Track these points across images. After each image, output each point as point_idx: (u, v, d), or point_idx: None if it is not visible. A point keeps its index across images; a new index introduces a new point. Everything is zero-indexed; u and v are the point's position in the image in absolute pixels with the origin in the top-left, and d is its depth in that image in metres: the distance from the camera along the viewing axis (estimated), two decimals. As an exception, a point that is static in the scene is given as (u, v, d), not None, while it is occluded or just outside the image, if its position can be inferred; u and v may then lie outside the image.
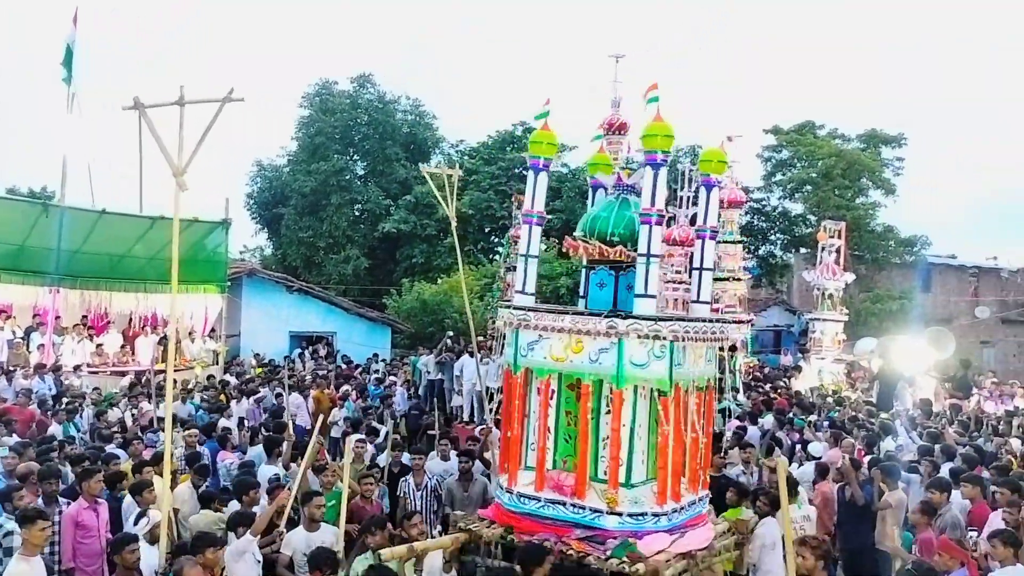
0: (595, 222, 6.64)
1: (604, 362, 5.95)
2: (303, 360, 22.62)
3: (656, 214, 6.03)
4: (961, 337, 25.10)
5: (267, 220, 36.39)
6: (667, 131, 6.08)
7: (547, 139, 6.69)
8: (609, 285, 6.65)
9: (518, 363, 6.35)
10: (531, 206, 6.66)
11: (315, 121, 34.53)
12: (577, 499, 6.01)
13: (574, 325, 6.06)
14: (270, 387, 15.95)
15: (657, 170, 6.07)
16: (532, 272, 6.63)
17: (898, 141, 32.61)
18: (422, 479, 9.37)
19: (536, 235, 6.62)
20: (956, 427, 11.92)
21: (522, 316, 6.30)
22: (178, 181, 6.53)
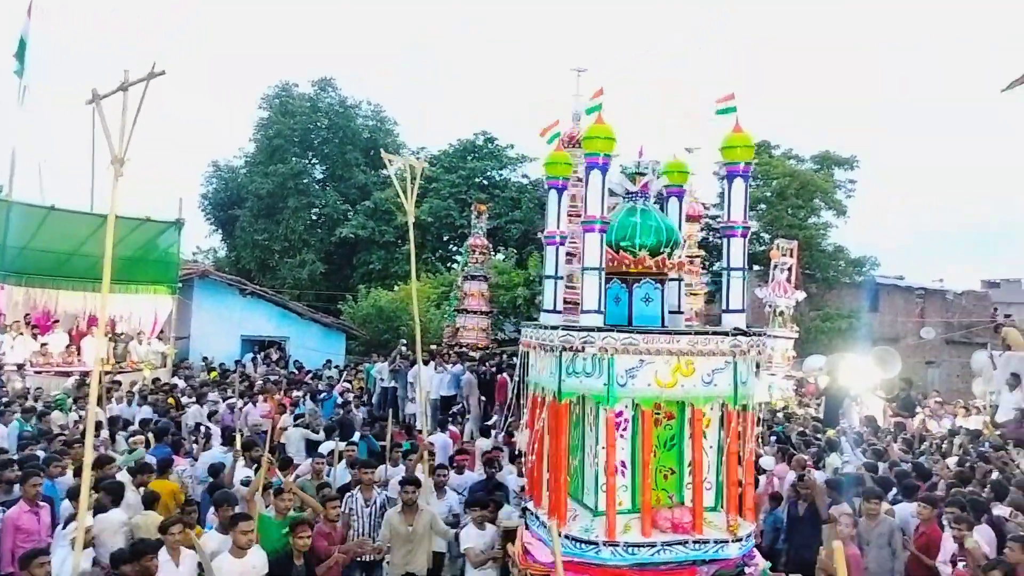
0: (623, 231, 6.19)
1: (719, 383, 5.60)
2: (255, 365, 22.31)
3: (741, 226, 5.94)
4: (907, 357, 25.65)
5: (222, 221, 35.87)
6: (746, 141, 5.96)
7: (603, 133, 5.86)
8: (656, 299, 6.30)
9: (615, 394, 5.55)
10: (597, 211, 5.80)
11: (274, 123, 34.17)
12: (697, 534, 5.59)
13: (692, 346, 5.57)
14: (219, 392, 15.69)
15: (741, 181, 5.96)
16: (595, 287, 5.80)
17: (850, 164, 33.30)
18: (371, 495, 8.41)
19: (596, 244, 5.78)
20: (900, 445, 12.17)
21: (627, 340, 5.52)
22: (116, 168, 6.20)
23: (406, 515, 7.70)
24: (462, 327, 20.94)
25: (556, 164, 6.61)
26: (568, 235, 6.95)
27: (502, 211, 31.60)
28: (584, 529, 5.61)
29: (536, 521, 6.17)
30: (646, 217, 6.25)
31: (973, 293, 34.39)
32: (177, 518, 6.77)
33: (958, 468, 9.93)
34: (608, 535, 5.46)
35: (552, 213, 6.62)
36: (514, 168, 35.23)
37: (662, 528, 5.58)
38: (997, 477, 9.34)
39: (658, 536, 5.54)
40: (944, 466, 10.19)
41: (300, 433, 12.60)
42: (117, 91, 6.22)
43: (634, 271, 6.18)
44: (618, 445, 5.61)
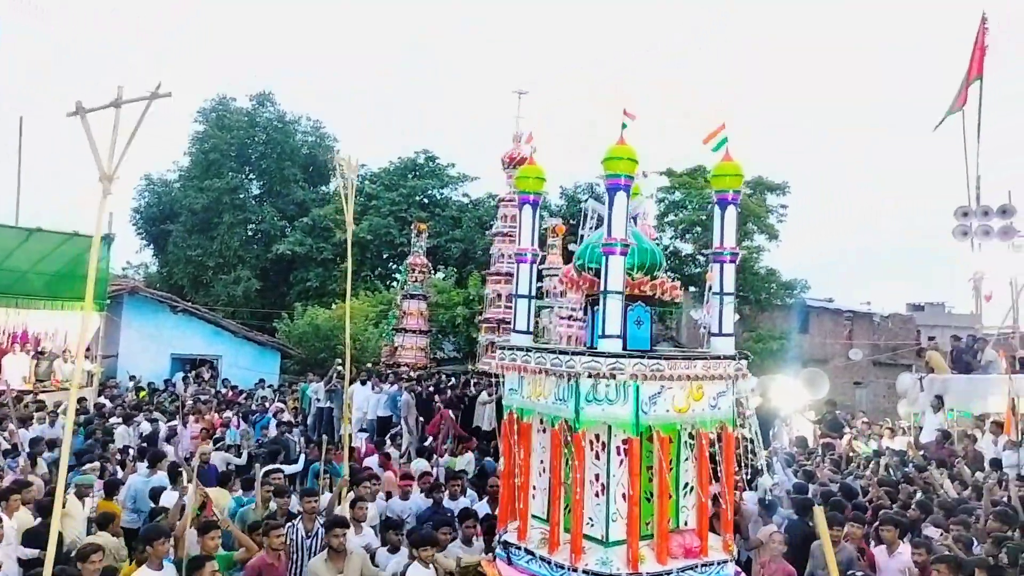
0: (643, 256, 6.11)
1: (722, 406, 5.75)
2: (185, 384, 21.73)
3: (729, 252, 6.02)
4: (836, 378, 26.32)
5: (154, 236, 35.02)
6: (736, 170, 6.05)
7: (626, 154, 5.71)
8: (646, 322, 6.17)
9: (641, 422, 5.44)
10: (620, 233, 5.65)
11: (210, 137, 33.58)
12: (704, 557, 5.66)
13: (707, 370, 5.65)
14: (146, 412, 15.22)
15: (727, 209, 6.04)
16: (617, 312, 5.65)
17: (782, 189, 34.19)
18: (313, 526, 7.74)
19: (619, 267, 5.63)
20: (829, 465, 12.44)
21: (655, 366, 5.43)
22: (104, 185, 6.00)
23: (333, 561, 6.90)
24: (400, 346, 20.78)
25: (528, 179, 6.41)
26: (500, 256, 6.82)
27: (442, 230, 31.57)
28: (601, 562, 5.45)
29: (523, 555, 5.89)
30: (637, 239, 6.09)
31: (899, 316, 35.53)
32: (97, 546, 6.50)
33: (885, 489, 10.20)
34: (632, 566, 5.40)
35: (525, 229, 6.40)
36: (455, 187, 35.27)
37: (675, 554, 5.58)
38: (921, 497, 9.62)
39: (673, 563, 5.54)
40: (875, 486, 10.45)
41: (222, 458, 12.13)
42: (108, 106, 6.05)
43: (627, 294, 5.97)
44: (619, 472, 5.59)
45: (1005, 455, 12.17)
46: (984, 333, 17.91)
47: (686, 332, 33.71)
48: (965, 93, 20.34)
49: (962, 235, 19.20)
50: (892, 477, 11.23)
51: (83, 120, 6.02)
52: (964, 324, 25.23)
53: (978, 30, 20.20)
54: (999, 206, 18.96)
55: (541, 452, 6.09)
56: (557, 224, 19.95)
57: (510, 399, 6.13)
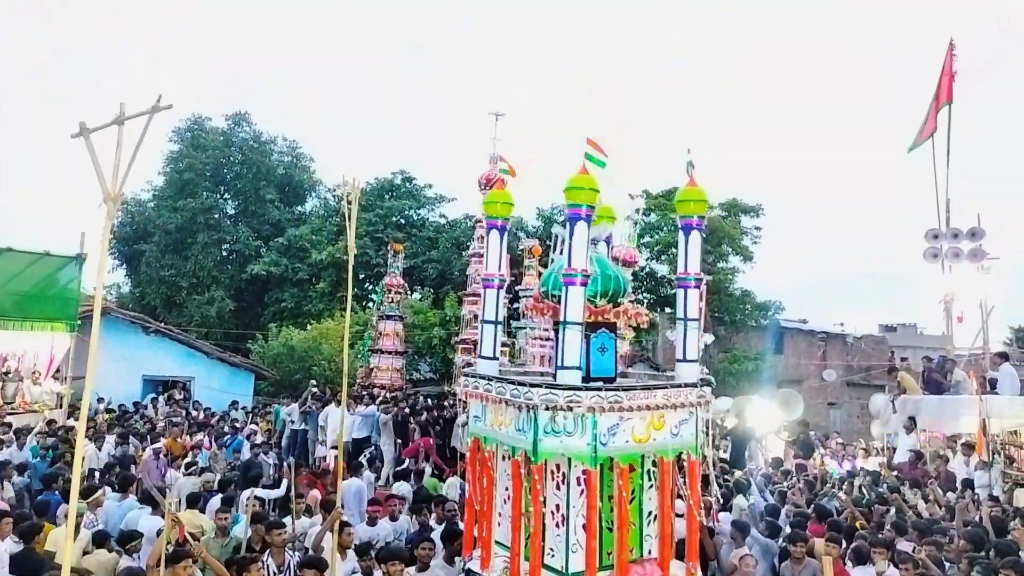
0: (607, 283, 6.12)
1: (684, 434, 5.72)
2: (155, 406, 21.43)
3: (693, 277, 6.10)
4: (810, 398, 26.54)
5: (127, 256, 34.65)
6: (700, 196, 6.03)
7: (587, 184, 5.68)
8: (611, 349, 6.18)
9: (599, 454, 5.38)
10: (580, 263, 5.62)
11: (184, 156, 33.41)
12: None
13: (667, 399, 5.62)
14: (116, 434, 14.97)
15: (691, 234, 6.08)
16: (576, 343, 5.56)
17: (756, 211, 34.55)
18: (283, 559, 7.49)
19: (578, 298, 5.56)
20: (802, 486, 12.50)
21: (613, 399, 5.36)
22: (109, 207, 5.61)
23: None
24: (376, 367, 20.66)
25: (496, 203, 6.33)
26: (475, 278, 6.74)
27: (419, 250, 31.54)
28: None
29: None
30: (602, 265, 6.08)
31: (872, 337, 35.94)
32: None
33: (860, 509, 10.26)
34: None
35: (493, 254, 6.31)
36: (432, 208, 35.28)
37: None
38: (895, 517, 9.69)
39: None
40: (850, 505, 10.51)
41: (192, 483, 11.87)
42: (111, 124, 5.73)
43: (590, 320, 5.96)
44: (579, 503, 5.50)
45: (976, 475, 12.29)
46: (955, 354, 18.13)
47: (662, 353, 33.89)
48: (934, 119, 20.72)
49: (932, 257, 19.50)
50: (866, 497, 11.31)
51: (87, 141, 5.73)
52: (936, 345, 25.54)
53: (946, 56, 20.62)
54: (968, 229, 19.29)
55: (505, 479, 6.03)
56: (533, 245, 19.98)
57: (474, 426, 6.11)
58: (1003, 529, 8.96)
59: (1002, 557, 7.43)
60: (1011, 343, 33.75)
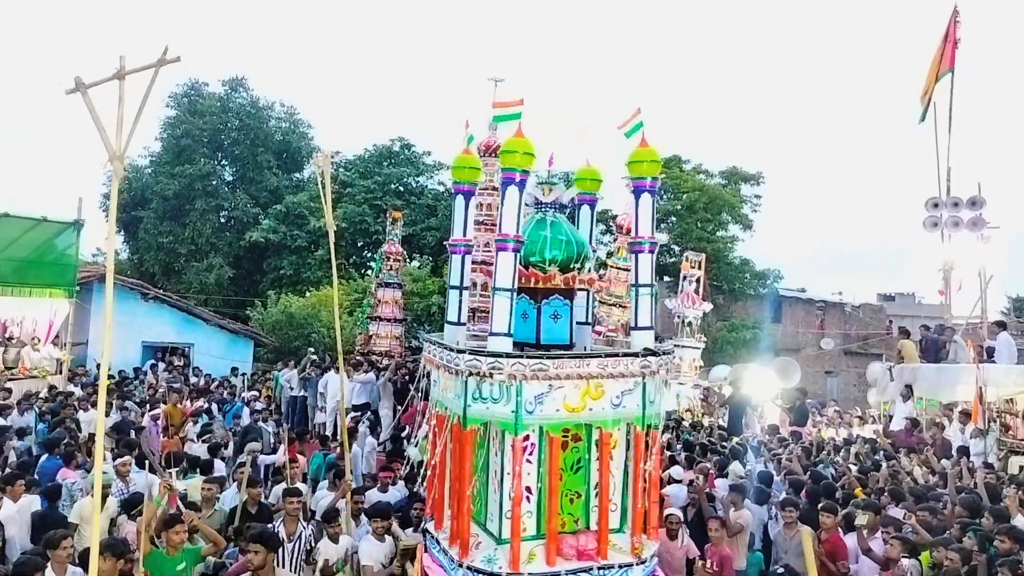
0: (556, 247, 5.93)
1: (628, 404, 5.42)
2: (155, 372, 21.51)
3: (648, 242, 5.79)
4: (807, 367, 26.67)
5: (124, 223, 34.50)
6: (653, 156, 5.79)
7: (523, 147, 5.59)
8: (565, 316, 6.03)
9: (523, 422, 5.29)
10: (512, 229, 5.54)
11: (182, 122, 33.15)
12: (603, 559, 5.39)
13: (603, 368, 5.34)
14: (116, 400, 15.04)
15: (648, 196, 5.81)
16: (505, 309, 5.50)
17: (756, 179, 34.43)
18: (295, 528, 7.47)
19: (509, 264, 5.50)
20: (799, 452, 12.60)
21: (537, 366, 5.24)
22: (116, 166, 5.60)
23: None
24: (375, 335, 20.70)
25: (463, 168, 6.12)
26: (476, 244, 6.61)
27: (418, 218, 31.44)
28: (487, 559, 5.34)
29: (436, 545, 5.91)
30: (556, 230, 6.00)
31: (870, 306, 36.02)
32: (65, 532, 6.42)
33: (857, 475, 10.35)
34: (512, 566, 5.23)
35: (458, 220, 6.13)
36: (431, 175, 35.10)
37: (567, 556, 5.37)
38: (891, 484, 9.78)
39: (563, 564, 5.32)
40: (848, 472, 10.60)
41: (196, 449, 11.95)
42: (111, 79, 5.61)
43: (542, 287, 5.92)
44: (524, 471, 5.38)
45: (972, 443, 12.39)
46: (953, 323, 18.17)
47: (660, 321, 34.02)
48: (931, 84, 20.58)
49: (932, 226, 19.47)
50: (862, 464, 11.40)
51: (85, 97, 5.59)
52: (934, 314, 25.59)
53: (949, 23, 20.40)
54: (969, 197, 19.23)
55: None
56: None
57: (433, 391, 6.11)
58: (996, 496, 9.05)
59: (997, 523, 7.51)
60: (1009, 312, 33.84)
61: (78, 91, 5.62)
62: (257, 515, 8.32)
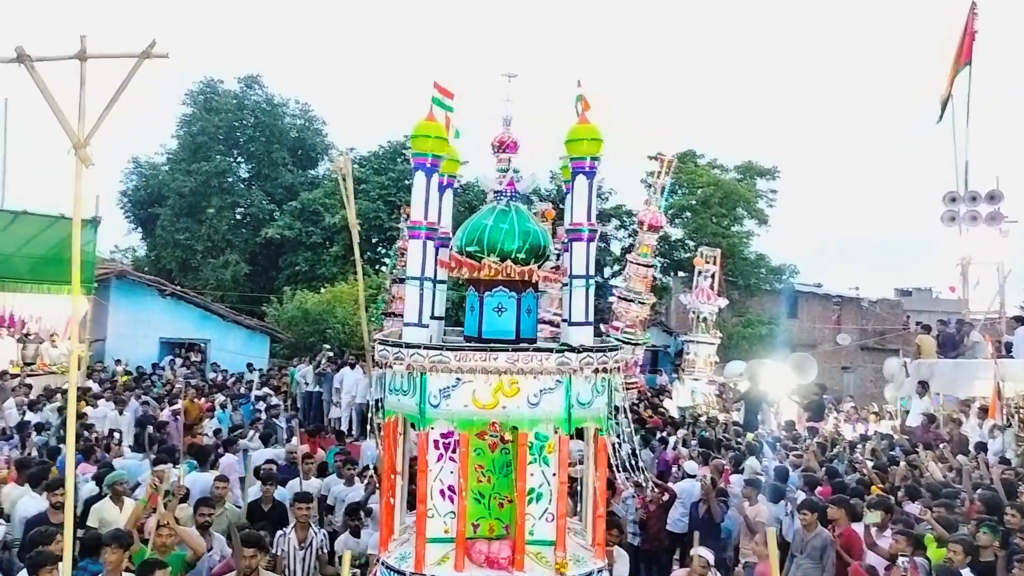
0: (495, 235, 5.51)
1: (547, 405, 4.98)
2: (173, 368, 21.68)
3: (588, 228, 5.26)
4: (824, 362, 26.50)
5: (141, 220, 34.77)
6: (594, 134, 5.28)
7: (433, 131, 5.36)
8: (511, 310, 5.63)
9: (428, 415, 5.04)
10: (420, 215, 5.34)
11: (198, 120, 33.32)
12: (518, 571, 5.00)
13: (512, 363, 4.94)
14: (135, 395, 15.18)
15: (589, 179, 5.30)
16: (415, 299, 5.36)
17: (772, 174, 34.23)
18: (306, 535, 7.31)
19: (419, 251, 5.38)
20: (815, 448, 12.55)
21: (438, 357, 4.99)
22: (79, 154, 5.23)
23: None
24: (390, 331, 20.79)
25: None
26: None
27: (432, 214, 31.44)
28: (400, 557, 5.20)
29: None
30: (503, 219, 5.61)
31: (887, 301, 35.74)
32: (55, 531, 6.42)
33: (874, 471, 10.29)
34: (416, 567, 5.02)
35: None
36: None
37: (476, 562, 5.07)
38: (909, 480, 9.72)
39: (473, 571, 5.03)
40: (867, 468, 10.53)
41: None
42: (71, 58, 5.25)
43: (486, 278, 5.55)
44: (447, 468, 5.20)
45: (990, 439, 12.30)
46: (971, 318, 18.03)
47: (675, 316, 33.88)
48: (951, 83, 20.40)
49: (950, 220, 19.32)
50: (878, 460, 11.34)
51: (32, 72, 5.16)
52: (951, 309, 25.39)
53: (967, 16, 20.21)
54: (987, 192, 19.07)
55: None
56: (547, 208, 19.88)
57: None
58: (1014, 492, 8.98)
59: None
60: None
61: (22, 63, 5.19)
62: (270, 513, 8.26)
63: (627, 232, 33.35)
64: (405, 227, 21.91)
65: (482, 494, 5.32)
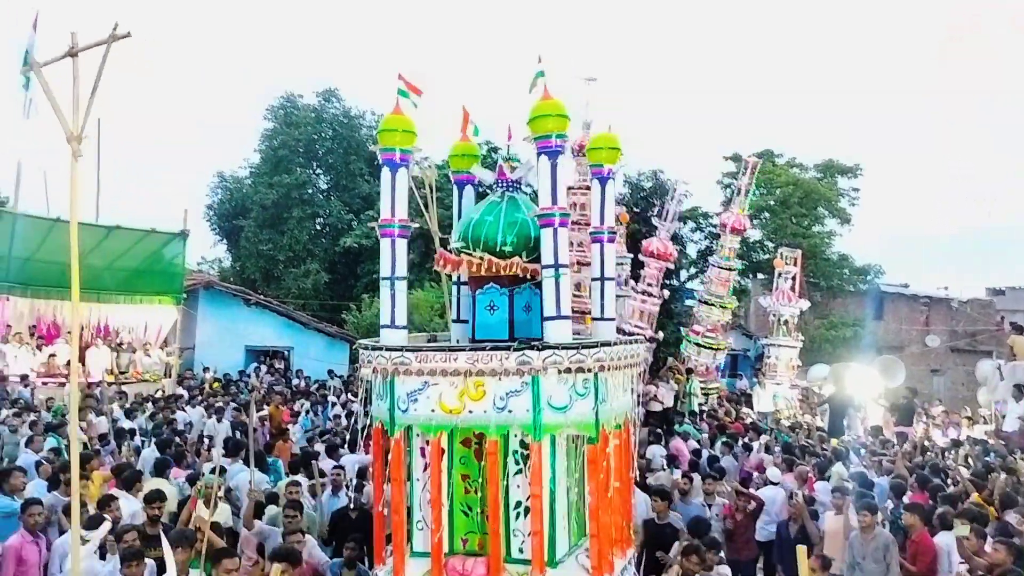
0: (479, 228, 5.30)
1: (515, 409, 4.57)
2: (258, 374, 22.34)
3: (559, 213, 4.82)
4: (912, 365, 25.62)
5: (227, 232, 35.95)
6: (559, 110, 4.87)
7: (401, 125, 5.11)
8: (502, 307, 5.31)
9: (397, 420, 4.78)
10: (387, 213, 5.10)
11: (279, 134, 34.29)
12: None
13: (472, 364, 4.60)
14: (223, 401, 15.70)
15: (554, 159, 4.85)
16: (402, 301, 5.15)
17: (854, 172, 33.31)
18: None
19: (388, 249, 5.12)
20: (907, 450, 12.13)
21: (399, 359, 4.75)
22: (73, 147, 5.35)
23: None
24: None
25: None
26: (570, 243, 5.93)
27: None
28: (389, 570, 4.95)
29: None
30: (490, 212, 5.35)
31: (978, 301, 34.32)
32: None
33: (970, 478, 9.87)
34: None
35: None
36: (519, 176, 35.26)
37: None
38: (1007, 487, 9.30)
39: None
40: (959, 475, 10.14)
41: None
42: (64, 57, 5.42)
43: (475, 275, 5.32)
44: (425, 476, 4.89)
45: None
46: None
47: (754, 320, 33.22)
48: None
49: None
50: (973, 467, 10.89)
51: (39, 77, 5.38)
52: (1049, 309, 24.18)
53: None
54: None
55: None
56: (621, 212, 19.80)
57: None
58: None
59: None
60: None
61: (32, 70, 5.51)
62: (358, 521, 8.15)
63: (703, 234, 32.88)
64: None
65: (469, 506, 4.97)
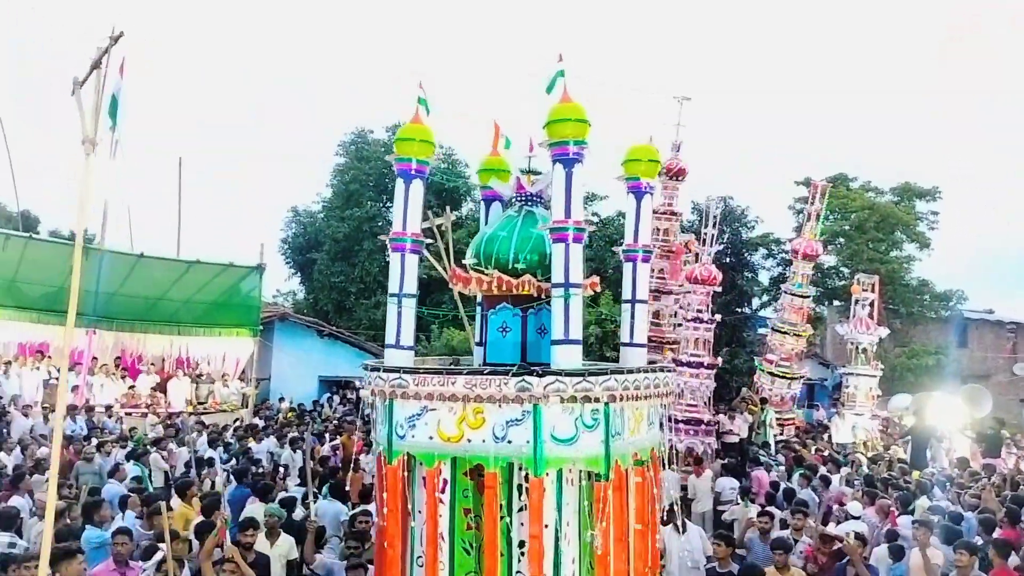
0: (492, 245, 5.06)
1: (515, 439, 4.26)
2: (331, 404, 22.70)
3: (573, 227, 4.49)
4: (999, 395, 24.54)
5: (300, 265, 36.86)
6: (579, 114, 4.53)
7: (420, 135, 4.90)
8: (515, 329, 5.03)
9: (395, 448, 4.55)
10: (399, 227, 4.88)
11: (350, 168, 35.13)
12: None
13: (470, 389, 4.33)
14: (299, 430, 15.97)
15: (570, 168, 4.50)
16: (409, 319, 4.91)
17: (932, 195, 32.42)
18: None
19: (411, 267, 4.92)
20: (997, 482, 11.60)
21: (397, 381, 4.54)
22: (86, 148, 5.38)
23: None
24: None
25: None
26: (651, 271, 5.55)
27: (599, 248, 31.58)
28: None
29: None
30: (504, 227, 5.06)
31: (1070, 327, 32.76)
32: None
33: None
34: None
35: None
36: (585, 206, 35.24)
37: None
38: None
39: None
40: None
41: None
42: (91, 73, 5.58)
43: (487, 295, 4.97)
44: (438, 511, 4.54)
45: None
46: None
47: (831, 348, 32.34)
48: None
49: None
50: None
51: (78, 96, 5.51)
52: None
53: None
54: None
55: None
56: (689, 239, 19.62)
57: None
58: None
59: None
60: None
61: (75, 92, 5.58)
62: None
63: (776, 261, 32.28)
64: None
65: (471, 544, 4.65)
